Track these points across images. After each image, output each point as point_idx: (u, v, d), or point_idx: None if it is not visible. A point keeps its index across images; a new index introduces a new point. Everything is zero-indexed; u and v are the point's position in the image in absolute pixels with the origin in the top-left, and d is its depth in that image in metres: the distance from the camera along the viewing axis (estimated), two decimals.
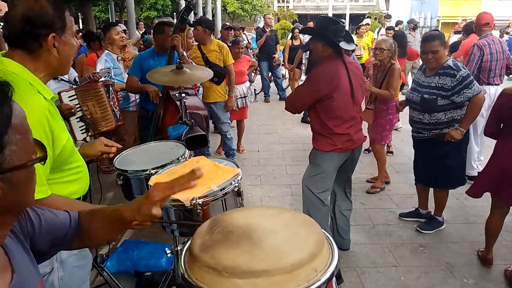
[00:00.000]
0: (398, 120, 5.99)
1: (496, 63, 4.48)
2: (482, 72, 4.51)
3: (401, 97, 4.65)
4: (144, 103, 3.85)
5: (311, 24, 9.63)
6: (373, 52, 4.63)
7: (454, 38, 9.43)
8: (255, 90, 5.88)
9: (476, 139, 4.69)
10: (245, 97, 5.62)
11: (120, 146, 2.06)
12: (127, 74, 3.87)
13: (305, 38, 9.61)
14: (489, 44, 4.45)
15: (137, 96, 4.30)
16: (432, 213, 3.73)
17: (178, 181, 1.09)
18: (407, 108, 3.68)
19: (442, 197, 3.62)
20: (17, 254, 0.88)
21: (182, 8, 3.41)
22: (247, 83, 5.76)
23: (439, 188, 3.60)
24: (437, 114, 3.28)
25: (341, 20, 3.02)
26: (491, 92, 4.54)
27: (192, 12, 3.49)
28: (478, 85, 3.22)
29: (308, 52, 9.22)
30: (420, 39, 9.69)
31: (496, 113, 2.93)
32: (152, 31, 7.58)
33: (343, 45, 2.85)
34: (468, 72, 3.25)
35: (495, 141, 3.02)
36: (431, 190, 3.72)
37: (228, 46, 5.82)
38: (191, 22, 3.94)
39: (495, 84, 4.56)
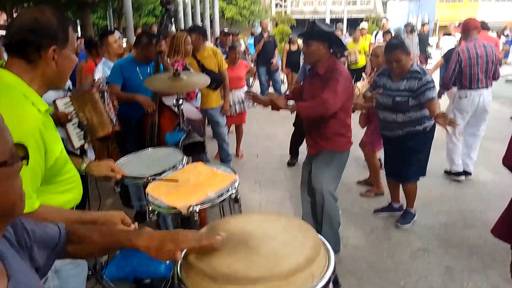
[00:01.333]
0: None
1: (477, 68, 4.51)
2: (463, 77, 4.59)
3: None
4: (125, 111, 3.68)
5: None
6: (369, 59, 4.64)
7: (444, 39, 9.42)
8: None
9: (455, 138, 4.84)
10: (242, 102, 5.64)
11: (126, 173, 2.06)
12: (107, 82, 3.72)
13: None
14: (468, 50, 4.49)
15: None
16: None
17: (205, 237, 1.19)
18: None
19: (412, 190, 3.80)
20: (13, 261, 0.89)
21: (163, 15, 3.37)
22: (245, 88, 5.78)
23: (408, 182, 3.78)
24: (409, 113, 3.48)
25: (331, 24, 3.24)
26: (473, 97, 4.61)
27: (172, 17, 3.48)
28: (436, 91, 3.43)
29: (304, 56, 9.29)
30: (418, 42, 9.66)
31: None
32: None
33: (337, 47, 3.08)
34: (432, 78, 3.44)
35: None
36: (419, 186, 3.82)
37: (225, 51, 5.87)
38: (172, 29, 3.91)
39: (478, 88, 4.59)
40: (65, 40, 1.49)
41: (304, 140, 3.43)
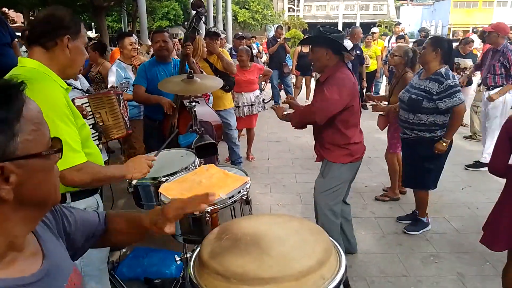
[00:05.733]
0: None
1: None
2: None
3: None
4: (150, 112, 3.78)
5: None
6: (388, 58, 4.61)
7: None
8: (263, 99, 5.90)
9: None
10: (252, 105, 5.64)
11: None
12: (133, 85, 3.81)
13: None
14: None
15: None
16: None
17: (191, 201, 1.14)
18: None
19: (421, 197, 3.74)
20: (50, 243, 0.94)
21: (192, 17, 3.40)
22: (256, 92, 5.77)
23: (415, 189, 3.77)
24: (420, 115, 3.44)
25: (340, 30, 3.00)
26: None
27: (202, 21, 3.50)
28: (460, 97, 3.33)
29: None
30: None
31: (503, 142, 2.43)
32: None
33: (346, 43, 2.87)
34: (457, 82, 3.38)
35: None
36: (430, 192, 3.78)
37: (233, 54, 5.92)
38: (200, 31, 3.97)
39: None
40: (77, 32, 1.75)
41: None
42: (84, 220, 1.16)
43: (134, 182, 1.99)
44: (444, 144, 3.40)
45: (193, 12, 3.27)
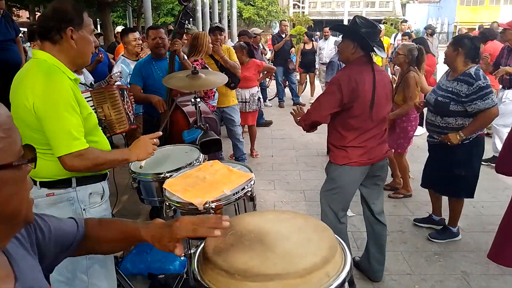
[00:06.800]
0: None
1: None
2: None
3: None
4: (149, 109, 3.76)
5: (326, 29, 9.62)
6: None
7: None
8: (259, 98, 5.80)
9: None
10: (245, 102, 5.59)
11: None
12: (129, 84, 3.78)
13: (318, 43, 9.64)
14: None
15: None
16: (447, 221, 3.68)
17: (203, 224, 1.09)
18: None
19: (455, 206, 3.55)
20: (22, 262, 0.87)
21: (179, 12, 3.36)
22: (253, 89, 5.68)
23: (448, 196, 3.59)
24: (448, 118, 3.27)
25: (379, 24, 2.76)
26: None
27: (190, 15, 3.46)
28: (493, 98, 3.14)
29: (321, 56, 9.24)
30: (438, 45, 9.82)
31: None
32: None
33: (376, 49, 2.61)
34: (488, 83, 3.16)
35: None
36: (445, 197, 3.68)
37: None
38: (189, 27, 3.93)
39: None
40: (81, 22, 1.80)
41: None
42: (59, 229, 1.07)
43: (142, 163, 2.08)
44: (458, 137, 3.19)
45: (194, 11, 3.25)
